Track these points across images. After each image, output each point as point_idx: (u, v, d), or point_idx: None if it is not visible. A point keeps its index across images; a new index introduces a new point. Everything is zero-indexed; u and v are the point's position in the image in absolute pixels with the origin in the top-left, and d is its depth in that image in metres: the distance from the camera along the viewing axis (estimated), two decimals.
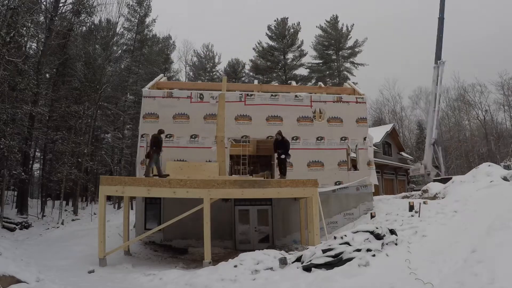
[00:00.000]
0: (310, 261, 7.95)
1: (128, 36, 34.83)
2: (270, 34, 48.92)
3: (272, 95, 15.79)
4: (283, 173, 12.80)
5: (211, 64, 51.72)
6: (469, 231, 8.42)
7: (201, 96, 15.20)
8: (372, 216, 13.78)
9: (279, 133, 13.01)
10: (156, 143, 12.21)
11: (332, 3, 65.02)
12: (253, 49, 49.26)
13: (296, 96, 15.88)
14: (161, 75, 20.09)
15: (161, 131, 12.65)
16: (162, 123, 14.73)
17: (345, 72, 47.71)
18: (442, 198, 14.38)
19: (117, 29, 32.23)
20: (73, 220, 20.49)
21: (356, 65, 48.02)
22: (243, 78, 49.73)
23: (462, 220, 9.99)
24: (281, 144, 12.90)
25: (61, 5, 22.47)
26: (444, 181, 18.05)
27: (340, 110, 15.94)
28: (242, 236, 14.49)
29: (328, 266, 7.68)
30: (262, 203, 14.38)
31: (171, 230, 13.27)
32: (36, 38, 22.64)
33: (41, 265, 9.67)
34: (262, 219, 14.66)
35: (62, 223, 18.86)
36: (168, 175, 12.15)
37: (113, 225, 16.18)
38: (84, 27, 28.88)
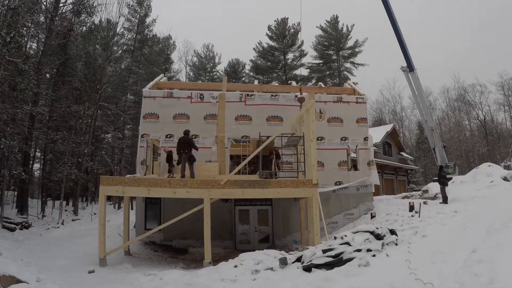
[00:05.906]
0: (310, 261, 7.93)
1: (128, 36, 34.87)
2: (270, 34, 48.86)
3: (272, 95, 15.78)
4: None
5: (211, 64, 51.75)
6: (469, 231, 8.43)
7: (201, 96, 15.20)
8: (372, 216, 13.79)
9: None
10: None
11: (333, 3, 64.95)
12: (254, 49, 49.32)
13: (296, 96, 15.87)
14: (161, 75, 20.08)
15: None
16: (162, 123, 14.76)
17: (346, 72, 47.66)
18: None
19: (117, 29, 32.27)
20: (73, 220, 20.51)
21: (356, 65, 47.99)
22: (243, 78, 49.73)
23: (462, 220, 10.01)
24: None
25: (61, 5, 22.45)
26: None
27: (340, 110, 15.93)
28: (242, 236, 14.50)
29: (328, 266, 7.66)
30: (262, 203, 14.39)
31: (171, 230, 13.27)
32: (36, 38, 22.70)
33: (41, 265, 9.66)
34: (262, 219, 14.67)
35: (62, 223, 18.85)
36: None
37: (113, 225, 16.19)
38: (84, 27, 28.97)
